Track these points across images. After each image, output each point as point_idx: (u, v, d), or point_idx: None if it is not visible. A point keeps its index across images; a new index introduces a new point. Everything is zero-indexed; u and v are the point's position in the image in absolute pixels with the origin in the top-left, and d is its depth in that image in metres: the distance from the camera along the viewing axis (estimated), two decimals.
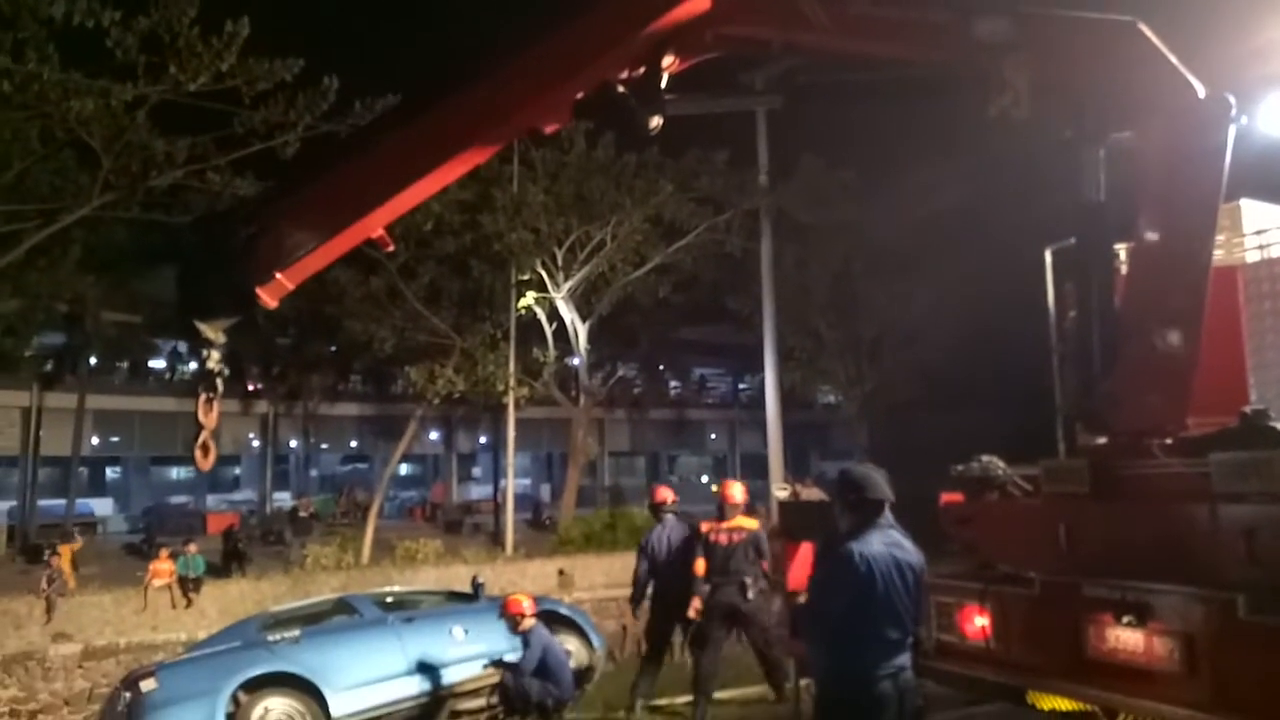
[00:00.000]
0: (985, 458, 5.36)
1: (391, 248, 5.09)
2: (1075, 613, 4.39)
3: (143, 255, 23.77)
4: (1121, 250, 5.81)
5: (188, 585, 15.72)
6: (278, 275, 4.54)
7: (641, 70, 4.75)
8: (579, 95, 4.82)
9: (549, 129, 4.93)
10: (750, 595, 7.13)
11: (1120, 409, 4.88)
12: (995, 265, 17.37)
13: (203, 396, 4.67)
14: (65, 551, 17.08)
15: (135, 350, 32.07)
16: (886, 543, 3.67)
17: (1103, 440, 5.08)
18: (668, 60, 4.77)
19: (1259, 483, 3.91)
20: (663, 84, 4.80)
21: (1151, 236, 5.11)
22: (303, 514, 27.40)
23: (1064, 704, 4.39)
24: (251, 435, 36.49)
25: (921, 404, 24.84)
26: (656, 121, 4.88)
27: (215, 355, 4.69)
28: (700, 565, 7.40)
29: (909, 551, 3.73)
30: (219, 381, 4.69)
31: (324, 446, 40.15)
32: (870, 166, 21.51)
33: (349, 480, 40.90)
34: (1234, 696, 3.75)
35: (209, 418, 4.68)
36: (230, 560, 20.50)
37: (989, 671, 4.77)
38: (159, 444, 36.54)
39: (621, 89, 4.81)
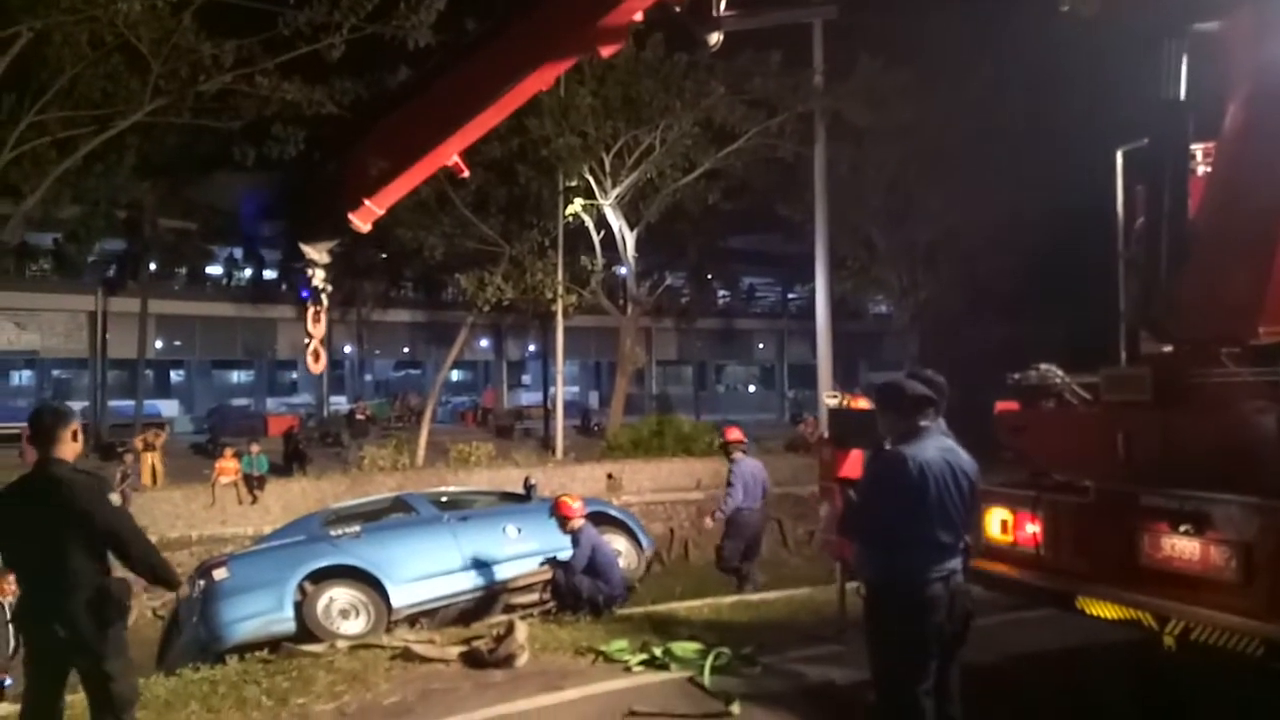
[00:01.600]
0: (1043, 365, 5.26)
1: (466, 173, 5.33)
2: (1130, 521, 4.35)
3: (195, 161, 23.97)
4: (1197, 151, 5.55)
5: (252, 483, 16.37)
6: (366, 201, 4.88)
7: None
8: (638, 17, 4.82)
9: (607, 51, 4.97)
10: None
11: (1187, 315, 4.74)
12: (1058, 168, 16.74)
13: (311, 310, 5.26)
14: (152, 455, 17.83)
15: (192, 256, 32.77)
16: (940, 448, 3.65)
17: (1167, 348, 4.95)
18: None
19: None
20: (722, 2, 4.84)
21: (1234, 134, 4.85)
22: (360, 417, 28.15)
23: (1111, 611, 4.39)
24: (307, 340, 37.34)
25: (975, 313, 24.36)
26: (716, 38, 4.96)
27: (320, 274, 5.20)
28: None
29: (963, 457, 3.71)
30: (324, 296, 5.23)
31: (377, 352, 40.95)
32: (929, 67, 20.58)
33: (402, 385, 41.83)
34: None
35: (317, 328, 5.28)
36: (291, 460, 21.26)
37: (1038, 577, 4.78)
38: (219, 348, 37.64)
39: (678, 9, 4.78)
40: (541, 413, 32.43)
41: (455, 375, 40.59)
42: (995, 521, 5.09)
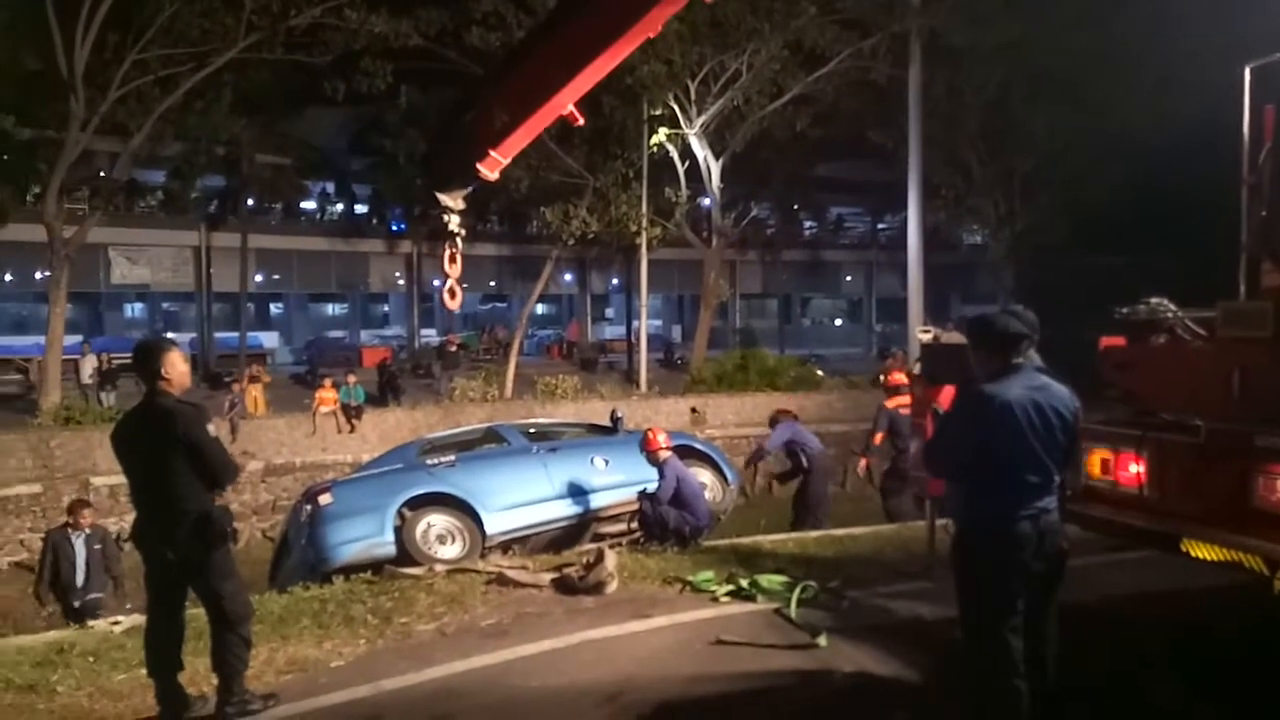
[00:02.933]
0: (1154, 299, 5.01)
1: (581, 121, 5.54)
2: (1244, 462, 4.16)
3: (288, 97, 24.53)
4: None
5: (350, 412, 17.03)
6: (492, 152, 5.22)
7: None
8: None
9: None
10: None
11: None
12: (1174, 87, 15.68)
13: (447, 251, 5.61)
14: (255, 389, 18.69)
15: (287, 191, 33.70)
16: (1029, 385, 3.52)
17: None
18: None
19: None
20: None
21: None
22: (451, 349, 28.89)
23: (1219, 554, 4.24)
24: (398, 274, 38.25)
25: (1076, 244, 23.29)
26: None
27: (455, 220, 5.55)
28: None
29: (1057, 395, 3.55)
30: (459, 240, 5.59)
31: (465, 285, 41.63)
32: None
33: (489, 318, 42.58)
34: None
35: (453, 268, 5.61)
36: (385, 391, 21.99)
37: (1141, 519, 4.63)
38: (315, 282, 38.91)
39: None
40: (625, 346, 32.67)
41: (540, 309, 41.14)
42: (1096, 461, 4.93)
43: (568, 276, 39.23)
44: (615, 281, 40.57)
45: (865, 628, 5.20)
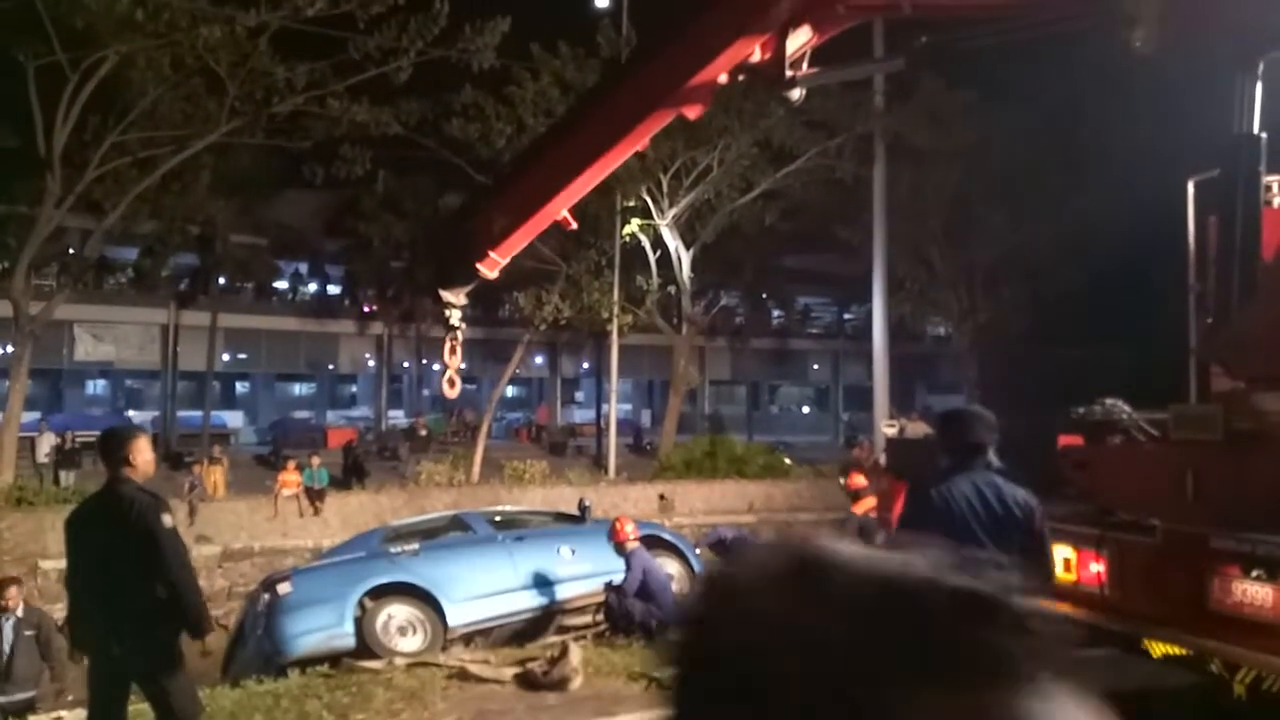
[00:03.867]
0: (1109, 400, 5.16)
1: (574, 226, 6.28)
2: (1200, 564, 4.25)
3: (266, 179, 24.79)
4: (1272, 183, 5.42)
5: (313, 495, 16.72)
6: (491, 253, 5.65)
7: (770, 54, 5.13)
8: (722, 79, 5.31)
9: (694, 113, 5.56)
10: None
11: (1258, 352, 4.62)
12: (1126, 196, 16.39)
13: (448, 343, 6.04)
14: (216, 470, 18.34)
15: (260, 271, 33.75)
16: (977, 482, 3.59)
17: (1240, 385, 4.83)
18: (806, 37, 5.19)
19: None
20: (805, 60, 5.29)
21: None
22: (421, 432, 28.64)
23: (1179, 654, 4.28)
24: (368, 355, 38.14)
25: (1036, 338, 23.89)
26: (798, 94, 5.44)
27: (456, 314, 5.96)
28: None
29: (1008, 493, 3.61)
30: (459, 333, 6.01)
31: (435, 367, 41.59)
32: (992, 87, 20.33)
33: (458, 401, 42.32)
34: None
35: (453, 359, 6.05)
36: (350, 474, 21.66)
37: (1103, 618, 4.68)
38: (284, 361, 38.64)
39: (759, 71, 5.24)
40: (594, 430, 32.58)
41: (510, 392, 41.01)
42: (1058, 559, 4.99)
43: (539, 359, 39.30)
44: (586, 365, 40.70)
45: None
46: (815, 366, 47.37)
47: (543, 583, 8.65)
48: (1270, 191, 5.33)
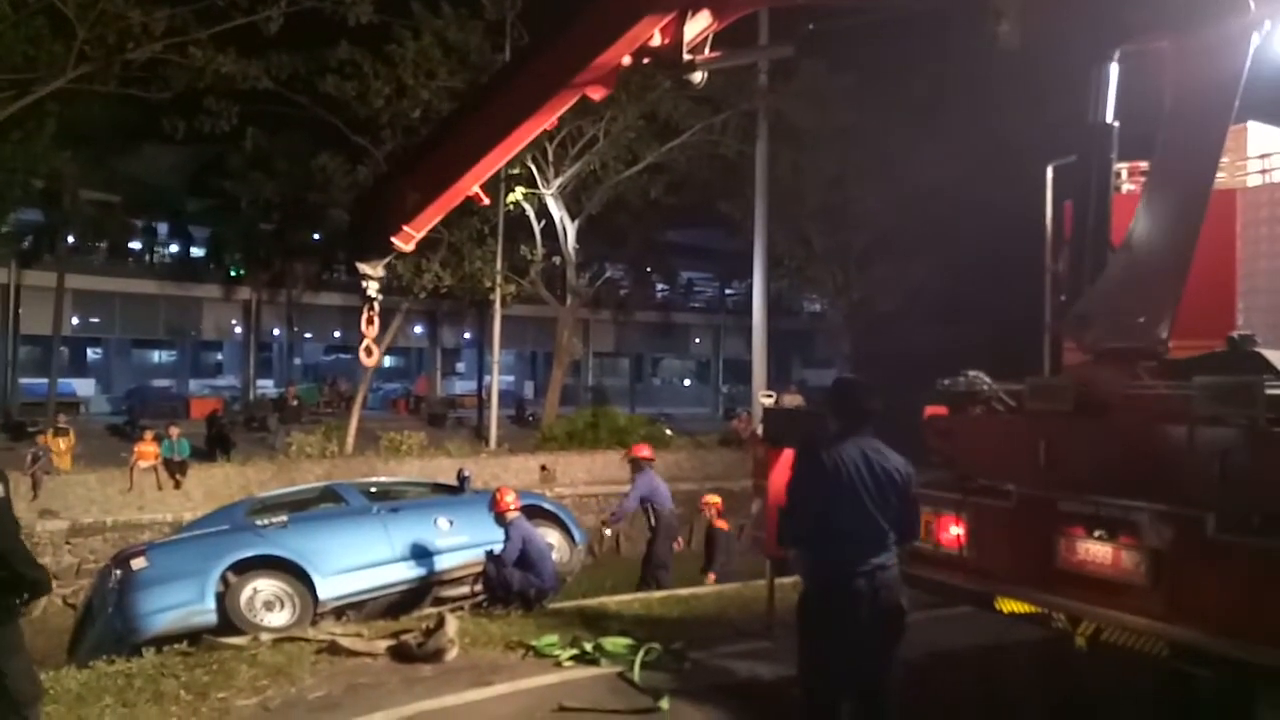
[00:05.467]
0: (971, 372, 5.41)
1: (486, 202, 6.46)
2: (1049, 526, 4.52)
3: (121, 132, 23.13)
4: (1123, 169, 5.78)
5: (173, 468, 15.87)
6: (405, 227, 5.86)
7: (669, 39, 5.38)
8: (625, 61, 5.51)
9: (598, 95, 5.72)
10: None
11: (1106, 328, 4.92)
12: (994, 179, 17.18)
13: (365, 313, 6.20)
14: (61, 443, 17.07)
15: (114, 231, 31.53)
16: (863, 447, 3.74)
17: (1089, 359, 5.14)
18: (706, 22, 5.43)
19: (1237, 407, 3.97)
20: (707, 44, 5.57)
21: (1156, 154, 5.06)
22: (292, 402, 27.47)
23: (1028, 611, 4.55)
24: (234, 322, 36.31)
25: (907, 316, 24.91)
26: (700, 78, 5.76)
27: (374, 286, 6.14)
28: None
29: (890, 458, 3.79)
30: (376, 304, 6.19)
31: (307, 335, 40.04)
32: (870, 71, 20.93)
33: (332, 370, 40.97)
34: (1193, 609, 3.90)
35: (370, 329, 6.22)
36: (215, 445, 20.66)
37: (960, 578, 4.93)
38: (140, 327, 36.36)
39: (660, 55, 5.47)
40: (475, 402, 32.15)
41: (388, 362, 39.95)
42: (921, 523, 5.23)
43: (418, 329, 38.37)
44: (467, 336, 40.02)
45: (707, 689, 5.24)
46: (697, 340, 48.10)
47: (419, 554, 8.47)
48: (1120, 178, 5.69)
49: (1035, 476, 4.69)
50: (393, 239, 5.88)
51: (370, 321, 6.24)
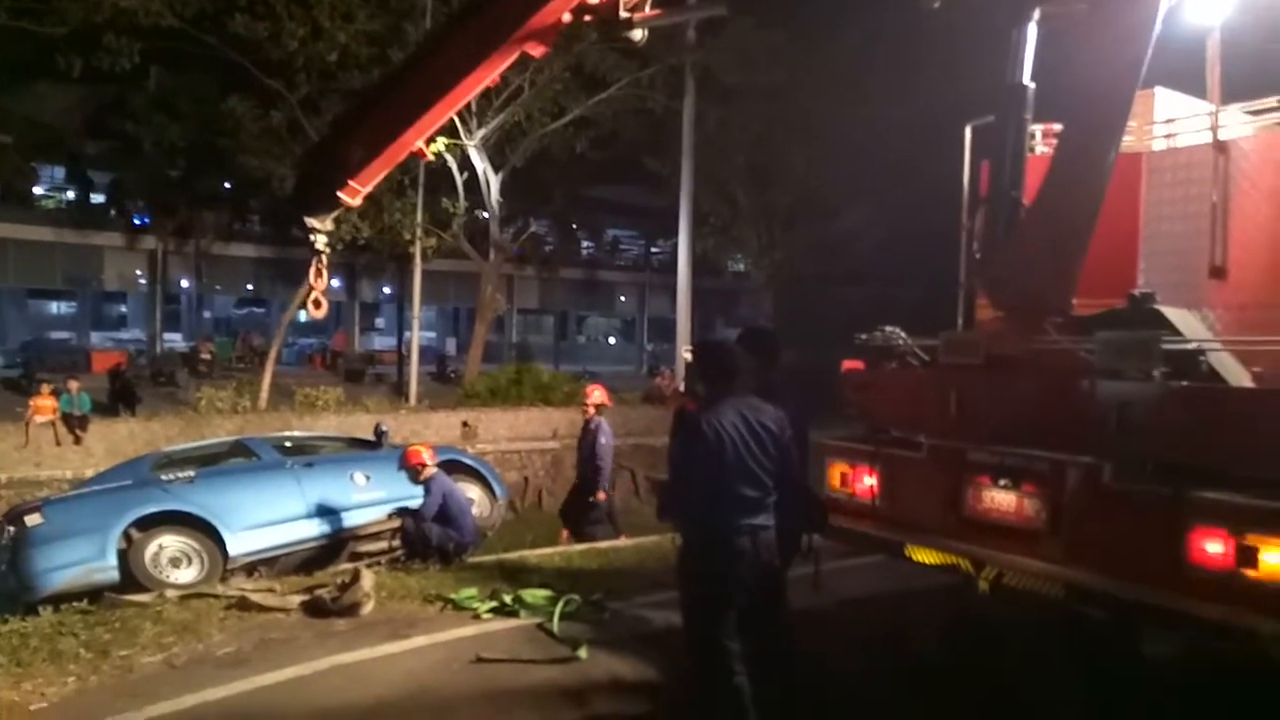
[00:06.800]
0: (888, 328, 5.51)
1: (430, 157, 6.71)
2: (957, 475, 4.66)
3: (10, 68, 21.65)
4: (1038, 131, 5.90)
5: (73, 423, 15.19)
6: (351, 182, 5.90)
7: None
8: (565, 18, 5.61)
9: (538, 51, 5.79)
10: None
11: (1016, 285, 5.05)
12: (917, 141, 17.45)
13: (314, 265, 6.26)
14: None
15: (6, 173, 29.66)
16: (740, 408, 3.74)
17: (999, 315, 5.28)
18: None
19: (1135, 361, 4.14)
20: (647, 2, 5.75)
21: (1067, 116, 5.17)
22: (205, 356, 26.49)
23: (935, 558, 4.70)
24: (139, 272, 34.70)
25: (829, 276, 25.35)
26: (640, 35, 5.88)
27: (322, 239, 6.22)
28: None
29: (765, 412, 3.79)
30: (324, 257, 6.28)
31: (218, 288, 38.57)
32: (799, 31, 20.96)
33: (245, 324, 39.65)
34: (1088, 553, 4.09)
35: (319, 281, 6.26)
36: (118, 400, 19.83)
37: (873, 527, 5.06)
38: (35, 275, 34.44)
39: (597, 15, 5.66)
40: (395, 358, 31.52)
41: (303, 316, 38.83)
42: (836, 474, 5.34)
43: (335, 282, 37.31)
44: (387, 290, 39.11)
45: (624, 638, 5.28)
46: (622, 298, 48.02)
47: (334, 510, 8.30)
48: (1034, 139, 5.81)
49: (946, 428, 4.82)
50: (339, 194, 5.97)
51: (319, 274, 6.31)
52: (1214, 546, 3.62)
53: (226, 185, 27.54)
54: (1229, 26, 5.55)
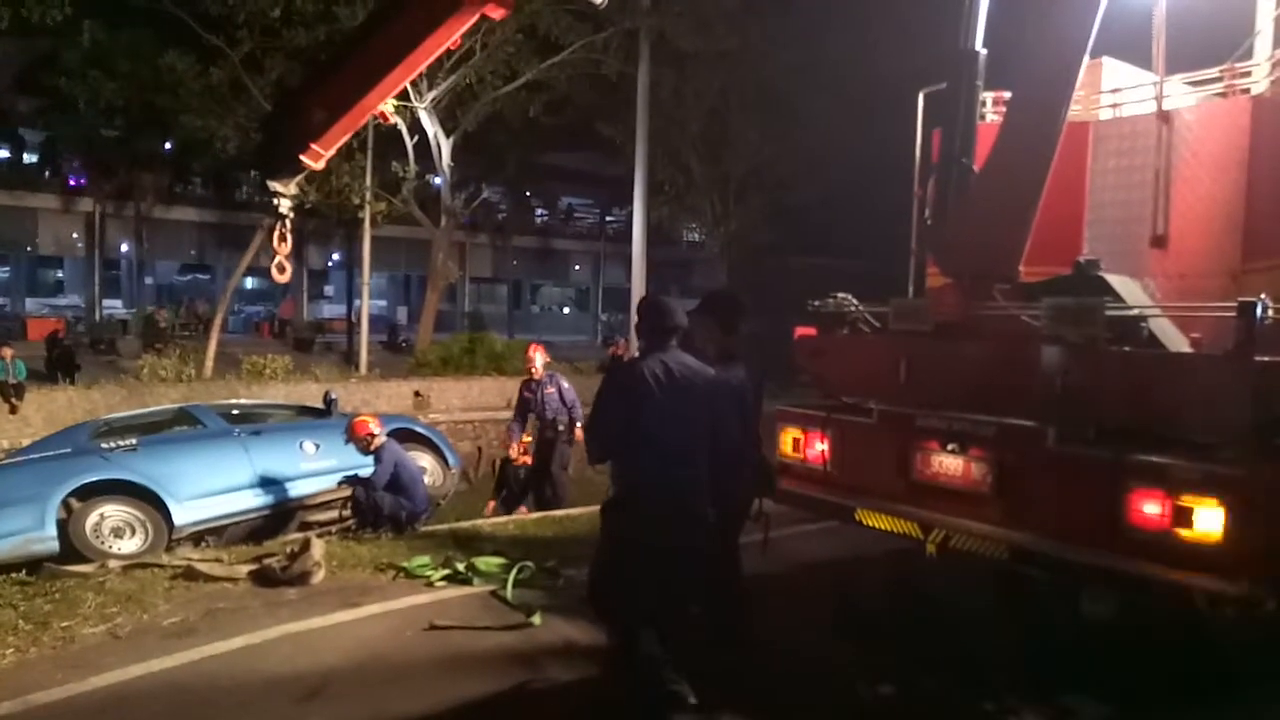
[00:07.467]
0: (839, 295, 5.55)
1: (392, 121, 6.51)
2: (906, 440, 4.73)
3: None
4: (989, 98, 5.95)
5: (7, 391, 14.72)
6: (313, 145, 5.86)
7: None
8: None
9: (497, 15, 5.71)
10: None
11: (965, 252, 5.12)
12: (872, 110, 17.51)
13: (277, 230, 6.24)
14: None
15: None
16: (665, 360, 3.73)
17: (949, 282, 5.35)
18: None
19: (1080, 327, 4.22)
20: None
21: (1017, 84, 5.22)
22: (162, 324, 25.87)
23: (884, 523, 4.78)
24: (76, 236, 33.55)
25: (782, 246, 25.45)
26: (601, 0, 6.24)
27: (286, 203, 6.18)
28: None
29: (695, 370, 3.80)
30: (288, 221, 6.24)
31: (159, 253, 37.47)
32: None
33: (188, 291, 38.67)
34: (1031, 516, 4.19)
35: (283, 246, 6.23)
36: (56, 367, 19.23)
37: (824, 492, 5.13)
38: None
39: None
40: (345, 326, 31.02)
41: (249, 283, 37.99)
42: (788, 440, 5.39)
43: None
44: (336, 257, 38.34)
45: (577, 603, 5.26)
46: (577, 267, 47.73)
47: (283, 478, 8.18)
48: (985, 106, 5.85)
49: (896, 394, 4.88)
50: (302, 157, 5.96)
51: (283, 239, 6.29)
52: (1151, 508, 3.73)
53: (167, 146, 26.65)
54: None
